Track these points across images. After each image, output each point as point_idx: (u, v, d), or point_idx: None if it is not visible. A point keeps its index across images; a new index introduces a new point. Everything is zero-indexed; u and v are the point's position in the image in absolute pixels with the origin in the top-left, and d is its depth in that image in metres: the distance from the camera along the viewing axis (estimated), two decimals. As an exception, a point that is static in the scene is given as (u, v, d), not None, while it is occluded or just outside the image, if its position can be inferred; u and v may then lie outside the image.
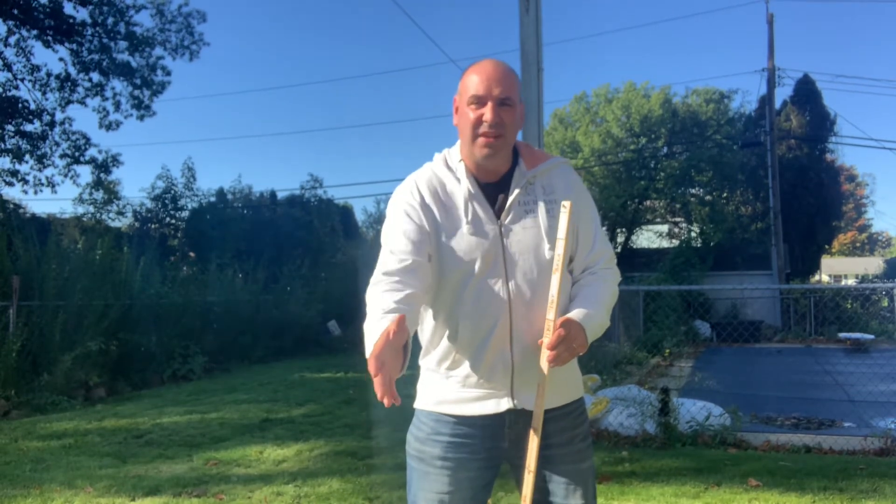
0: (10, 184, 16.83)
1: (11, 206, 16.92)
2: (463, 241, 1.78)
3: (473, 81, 1.79)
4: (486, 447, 1.82)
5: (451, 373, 1.82)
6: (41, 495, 4.51)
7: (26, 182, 17.08)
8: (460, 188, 1.82)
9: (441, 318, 1.84)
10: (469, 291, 1.78)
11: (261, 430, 6.52)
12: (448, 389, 1.83)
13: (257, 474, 4.99)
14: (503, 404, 1.79)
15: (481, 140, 1.78)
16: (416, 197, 1.83)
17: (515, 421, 1.80)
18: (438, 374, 1.85)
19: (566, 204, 1.76)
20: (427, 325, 1.88)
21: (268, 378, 10.46)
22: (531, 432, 1.72)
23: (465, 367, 1.80)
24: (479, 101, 1.78)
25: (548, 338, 1.69)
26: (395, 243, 1.76)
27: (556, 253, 1.76)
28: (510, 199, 1.81)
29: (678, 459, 5.25)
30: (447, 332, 1.82)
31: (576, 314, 1.74)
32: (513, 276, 1.78)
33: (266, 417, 7.13)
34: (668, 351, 12.70)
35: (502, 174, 1.85)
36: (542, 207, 1.81)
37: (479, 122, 1.77)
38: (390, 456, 5.25)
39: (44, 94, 17.21)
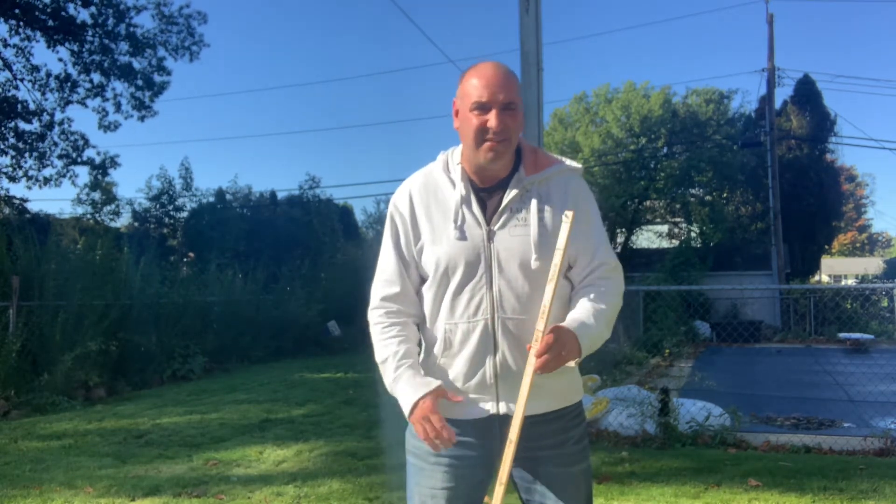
0: (13, 178, 16.82)
1: (17, 201, 16.91)
2: (449, 247, 1.79)
3: (475, 86, 1.77)
4: (479, 445, 1.82)
5: (439, 377, 1.83)
6: (41, 495, 4.51)
7: (28, 178, 17.09)
8: (454, 193, 1.82)
9: (429, 323, 1.86)
10: (454, 295, 1.79)
11: (261, 430, 6.52)
12: None
13: (257, 474, 4.99)
14: (489, 409, 1.80)
15: (486, 146, 1.77)
16: (407, 207, 1.86)
17: (507, 424, 1.79)
18: (431, 376, 1.86)
19: (568, 214, 1.73)
20: (420, 333, 1.90)
21: (268, 378, 10.46)
22: (507, 442, 1.71)
23: (451, 373, 1.82)
24: (482, 108, 1.76)
25: (536, 345, 1.67)
26: (385, 267, 1.89)
27: (553, 262, 1.72)
28: (503, 203, 1.80)
29: (678, 459, 5.25)
30: (435, 339, 1.84)
31: (569, 322, 1.73)
32: (497, 282, 1.77)
33: (266, 417, 7.13)
34: (667, 351, 12.70)
35: (501, 178, 1.83)
36: (534, 215, 1.79)
37: (483, 129, 1.76)
38: (390, 456, 5.25)
39: (43, 94, 17.24)
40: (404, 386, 1.78)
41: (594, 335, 1.76)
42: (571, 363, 1.73)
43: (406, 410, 1.77)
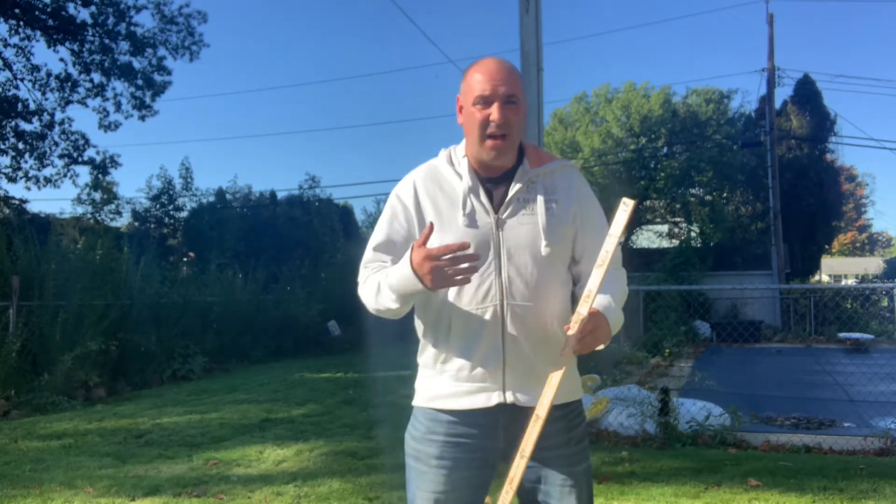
0: (13, 179, 16.82)
1: (16, 201, 16.92)
2: (458, 234, 1.80)
3: (478, 80, 1.80)
4: (481, 447, 1.82)
5: (444, 367, 1.84)
6: (41, 495, 4.51)
7: (28, 178, 17.09)
8: (461, 183, 1.84)
9: (435, 312, 1.85)
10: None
11: (261, 430, 6.52)
12: (441, 384, 1.85)
13: (257, 474, 4.99)
14: (494, 398, 1.79)
15: (489, 142, 1.79)
16: (411, 195, 1.87)
17: (511, 420, 1.80)
18: (433, 370, 1.87)
19: (627, 202, 1.72)
20: (422, 321, 1.90)
21: (268, 378, 10.46)
22: (534, 417, 1.69)
23: (458, 361, 1.81)
24: (485, 101, 1.79)
25: (576, 327, 1.68)
26: (373, 249, 1.90)
27: (604, 248, 1.72)
28: (510, 193, 1.82)
29: (678, 459, 5.25)
30: (441, 326, 1.84)
31: (602, 308, 1.75)
32: (506, 269, 1.79)
33: (266, 417, 7.13)
34: (668, 351, 12.70)
35: (506, 170, 1.86)
36: (541, 205, 1.82)
37: (486, 122, 1.78)
38: (390, 456, 5.25)
39: (43, 94, 17.24)
40: (395, 268, 1.77)
41: (618, 322, 1.80)
42: (602, 347, 1.76)
43: (409, 276, 1.71)
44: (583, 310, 1.70)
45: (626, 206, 1.70)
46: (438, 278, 1.66)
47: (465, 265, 1.64)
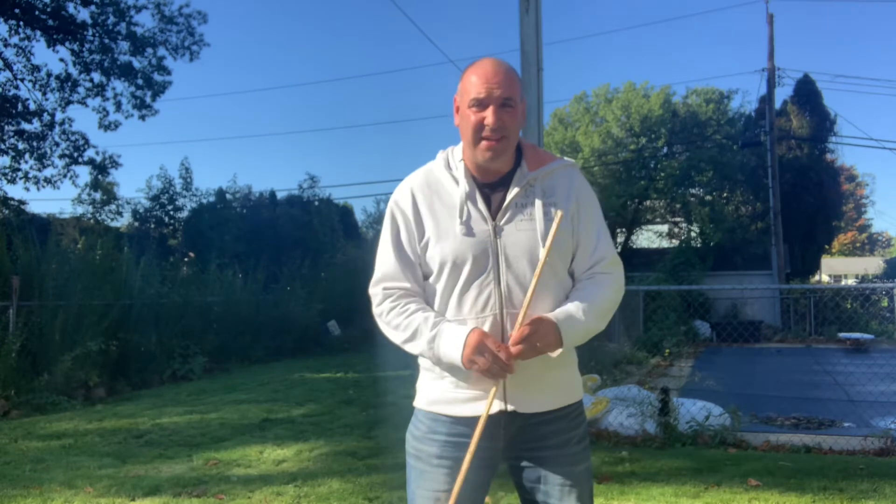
0: (12, 181, 16.81)
1: (15, 202, 16.90)
2: (455, 242, 1.78)
3: (473, 83, 1.78)
4: (482, 447, 1.81)
5: (444, 373, 1.83)
6: (41, 495, 4.51)
7: (28, 178, 17.08)
8: (458, 189, 1.82)
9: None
10: (461, 292, 1.79)
11: (261, 430, 6.52)
12: (442, 390, 1.84)
13: (257, 474, 4.99)
14: (495, 406, 1.79)
15: (484, 144, 1.77)
16: (409, 205, 1.85)
17: (510, 421, 1.80)
18: (434, 373, 1.86)
19: (557, 213, 1.75)
20: None
21: (268, 378, 10.46)
22: (473, 438, 1.72)
23: (458, 369, 1.80)
24: (480, 104, 1.76)
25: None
26: (386, 264, 1.86)
27: (539, 259, 1.74)
28: (507, 199, 1.80)
29: (678, 459, 5.25)
30: None
31: (554, 314, 1.74)
32: (506, 277, 1.77)
33: (266, 417, 7.12)
34: (668, 351, 12.70)
35: (503, 174, 1.84)
36: (539, 210, 1.79)
37: (480, 125, 1.76)
38: (390, 456, 5.25)
39: (44, 94, 17.23)
40: (449, 332, 1.74)
41: (581, 328, 1.77)
42: (553, 353, 1.74)
43: (458, 349, 1.71)
44: (519, 317, 1.71)
45: (556, 217, 1.75)
46: (472, 361, 1.70)
47: (496, 368, 1.68)
